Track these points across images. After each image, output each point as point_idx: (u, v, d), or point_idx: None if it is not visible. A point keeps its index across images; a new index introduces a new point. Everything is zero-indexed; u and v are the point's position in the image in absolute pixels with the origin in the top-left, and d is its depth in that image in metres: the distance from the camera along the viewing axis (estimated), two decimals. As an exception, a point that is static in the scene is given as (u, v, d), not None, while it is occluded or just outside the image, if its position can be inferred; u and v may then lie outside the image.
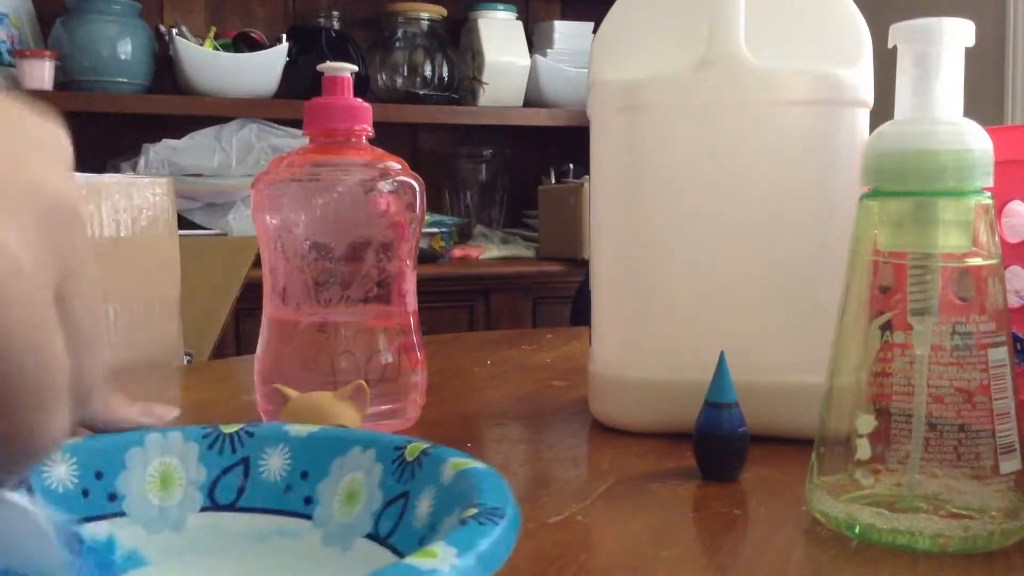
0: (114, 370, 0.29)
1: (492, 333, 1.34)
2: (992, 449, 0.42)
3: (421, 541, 0.34)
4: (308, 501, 0.38)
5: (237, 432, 0.40)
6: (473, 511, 0.29)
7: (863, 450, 0.44)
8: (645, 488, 0.51)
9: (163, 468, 0.39)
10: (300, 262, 0.63)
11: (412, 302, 0.66)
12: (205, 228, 2.02)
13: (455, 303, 2.10)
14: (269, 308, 0.65)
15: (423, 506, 0.35)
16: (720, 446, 0.52)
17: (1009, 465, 0.42)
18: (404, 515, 0.36)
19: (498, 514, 0.29)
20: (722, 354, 0.52)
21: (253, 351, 0.66)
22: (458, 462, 0.35)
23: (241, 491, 0.39)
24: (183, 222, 1.86)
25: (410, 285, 0.66)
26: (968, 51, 0.44)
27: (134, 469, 0.39)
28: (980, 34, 0.44)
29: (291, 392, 0.55)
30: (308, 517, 0.38)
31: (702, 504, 0.49)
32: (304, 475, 0.39)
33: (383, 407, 0.62)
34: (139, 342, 1.05)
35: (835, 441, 0.45)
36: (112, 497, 0.38)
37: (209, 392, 0.85)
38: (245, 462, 0.40)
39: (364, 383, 0.54)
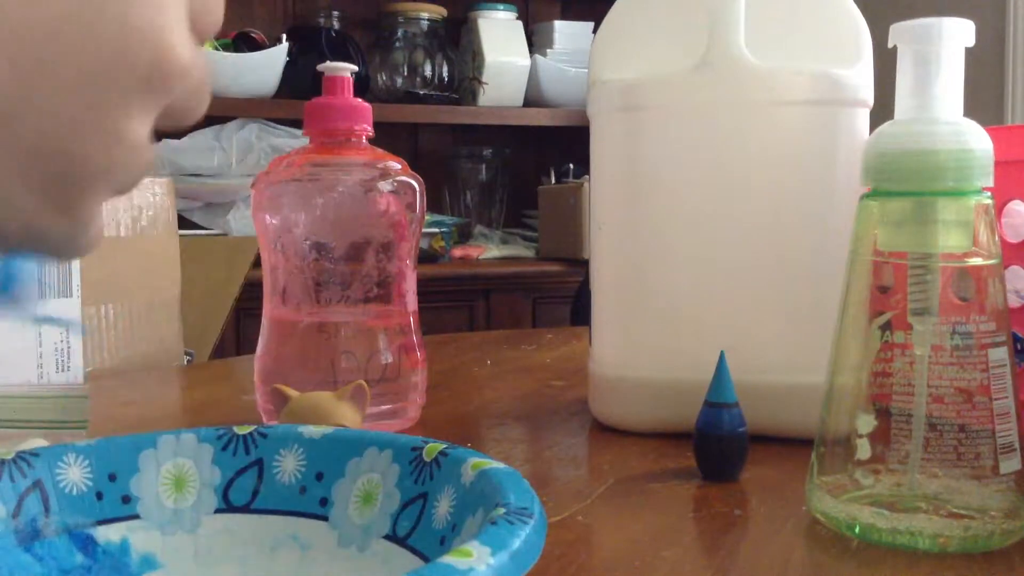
0: (113, 370, 0.29)
1: (492, 333, 1.34)
2: (992, 449, 0.42)
3: (442, 541, 0.34)
4: (324, 502, 0.38)
5: (251, 433, 0.40)
6: (501, 511, 0.29)
7: (863, 450, 0.44)
8: (645, 488, 0.51)
9: (177, 470, 0.39)
10: (300, 262, 0.63)
11: (412, 302, 0.66)
12: (205, 228, 2.02)
13: (455, 303, 2.09)
14: (269, 308, 0.65)
15: (443, 507, 0.35)
16: (720, 446, 0.52)
17: (1009, 465, 0.42)
18: (423, 516, 0.36)
19: (527, 513, 0.29)
20: (722, 354, 0.52)
21: (253, 351, 0.66)
22: (478, 462, 0.35)
23: (256, 493, 0.39)
24: (183, 222, 1.86)
25: (410, 285, 0.66)
26: (968, 51, 0.44)
27: (147, 471, 0.39)
28: (980, 34, 0.44)
29: (291, 392, 0.55)
30: (324, 518, 0.38)
31: (702, 504, 0.49)
32: (319, 476, 0.39)
33: (383, 407, 0.62)
34: (139, 342, 1.05)
35: (835, 441, 0.45)
36: (126, 499, 0.38)
37: (209, 392, 0.85)
38: (259, 463, 0.40)
39: (364, 383, 0.54)
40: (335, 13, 2.32)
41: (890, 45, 0.45)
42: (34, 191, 0.25)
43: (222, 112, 2.10)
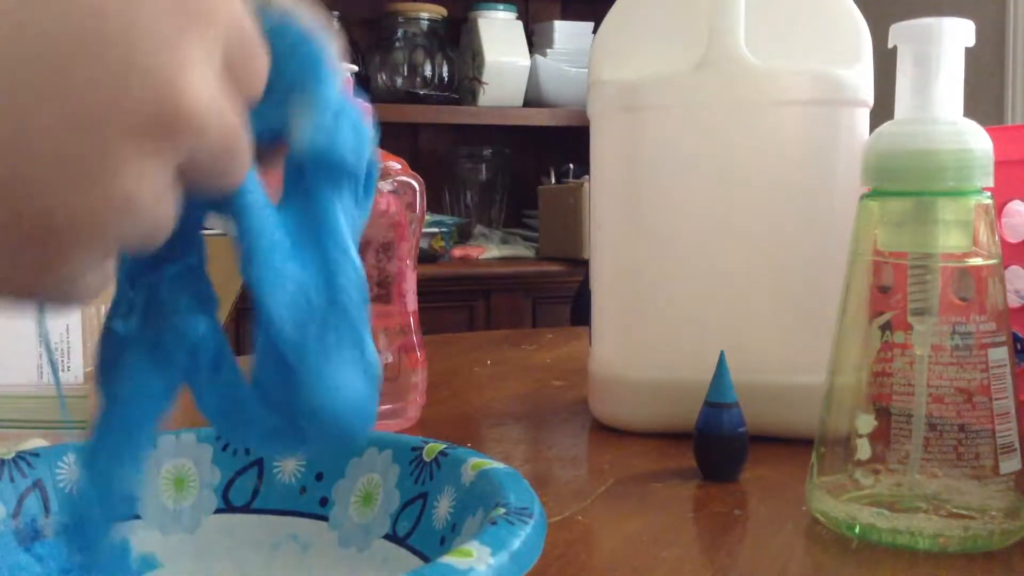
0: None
1: (492, 333, 1.34)
2: (992, 449, 0.42)
3: (442, 541, 0.34)
4: (324, 502, 0.38)
5: None
6: (501, 511, 0.29)
7: (863, 450, 0.44)
8: (645, 488, 0.51)
9: (177, 470, 0.39)
10: (300, 262, 0.63)
11: (412, 302, 0.66)
12: (205, 228, 2.02)
13: (455, 303, 2.09)
14: (269, 308, 0.65)
15: (443, 507, 0.35)
16: (720, 446, 0.52)
17: (1009, 465, 0.42)
18: (423, 516, 0.36)
19: (527, 513, 0.29)
20: (722, 354, 0.52)
21: (253, 351, 0.66)
22: (478, 462, 0.35)
23: (256, 492, 0.39)
24: (183, 222, 1.85)
25: (410, 285, 0.66)
26: (968, 51, 0.44)
27: (148, 471, 0.39)
28: (980, 34, 0.44)
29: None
30: (324, 518, 0.38)
31: (702, 504, 0.49)
32: (319, 476, 0.39)
33: (383, 407, 0.62)
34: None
35: (835, 441, 0.45)
36: None
37: (209, 392, 0.85)
38: (259, 463, 0.39)
39: (364, 383, 0.54)
40: (335, 13, 2.32)
41: (890, 45, 0.45)
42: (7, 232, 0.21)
43: (222, 112, 2.10)
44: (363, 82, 2.16)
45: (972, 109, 0.44)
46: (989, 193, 0.43)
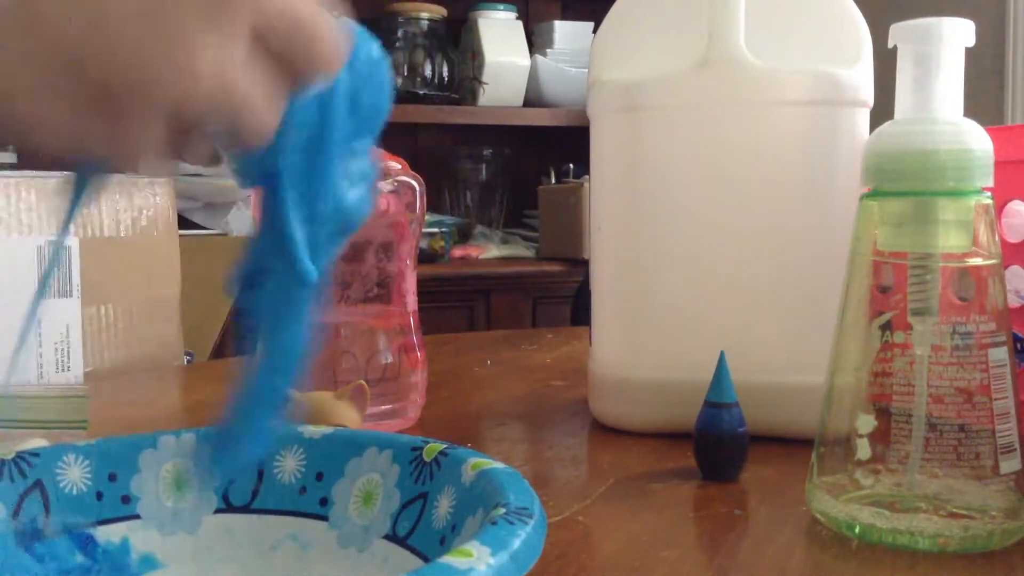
0: (113, 370, 0.29)
1: (492, 333, 1.34)
2: (992, 449, 0.42)
3: (442, 541, 0.34)
4: (324, 502, 0.38)
5: None
6: (501, 511, 0.29)
7: (863, 450, 0.44)
8: (645, 488, 0.51)
9: (176, 470, 0.39)
10: (300, 262, 0.63)
11: (412, 302, 0.66)
12: (205, 228, 2.02)
13: (455, 303, 2.09)
14: (269, 308, 0.65)
15: (443, 506, 0.35)
16: (720, 446, 0.52)
17: (1009, 465, 0.42)
18: (423, 516, 0.36)
19: (527, 513, 0.29)
20: (722, 354, 0.52)
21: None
22: (478, 462, 0.35)
23: (255, 493, 0.39)
24: (183, 222, 1.85)
25: (410, 285, 0.66)
26: (968, 51, 0.44)
27: (147, 471, 0.39)
28: (980, 34, 0.44)
29: (291, 392, 0.54)
30: (324, 518, 0.38)
31: (702, 504, 0.49)
32: (319, 476, 0.39)
33: (383, 407, 0.62)
34: (139, 342, 1.05)
35: (835, 441, 0.45)
36: (126, 499, 0.38)
37: (209, 392, 0.85)
38: (259, 464, 0.40)
39: (364, 383, 0.54)
40: (335, 13, 2.31)
41: (890, 45, 0.45)
42: (77, 98, 0.26)
43: (222, 112, 2.09)
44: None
45: (972, 109, 0.44)
46: (989, 193, 0.43)
